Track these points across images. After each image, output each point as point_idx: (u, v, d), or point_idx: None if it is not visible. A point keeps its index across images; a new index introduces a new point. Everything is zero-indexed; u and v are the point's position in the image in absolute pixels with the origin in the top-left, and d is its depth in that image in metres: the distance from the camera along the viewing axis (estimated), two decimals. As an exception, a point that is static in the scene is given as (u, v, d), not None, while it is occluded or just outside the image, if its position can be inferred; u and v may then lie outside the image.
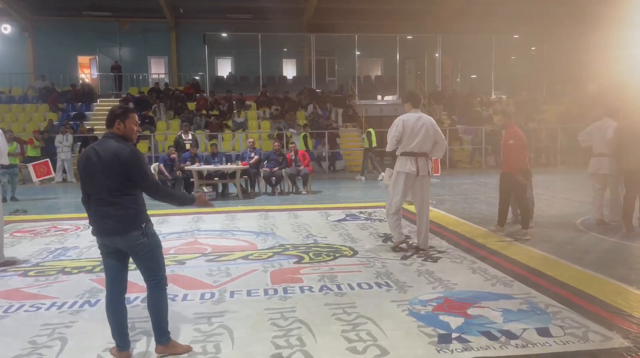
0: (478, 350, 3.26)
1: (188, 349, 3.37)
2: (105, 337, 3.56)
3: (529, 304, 4.08)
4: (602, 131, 7.16)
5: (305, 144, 15.82)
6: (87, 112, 19.79)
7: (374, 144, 14.69)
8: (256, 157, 11.56)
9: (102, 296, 4.42)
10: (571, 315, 3.84)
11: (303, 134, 16.11)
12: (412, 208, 7.07)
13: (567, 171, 15.24)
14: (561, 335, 3.47)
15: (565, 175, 14.20)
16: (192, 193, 10.66)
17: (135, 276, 3.64)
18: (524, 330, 3.57)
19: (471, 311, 3.95)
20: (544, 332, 3.52)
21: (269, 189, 11.58)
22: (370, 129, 14.81)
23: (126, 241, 3.16)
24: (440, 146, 5.97)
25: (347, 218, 8.29)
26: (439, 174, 12.63)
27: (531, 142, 6.88)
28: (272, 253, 5.94)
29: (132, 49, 24.21)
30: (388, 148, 6.08)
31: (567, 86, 23.17)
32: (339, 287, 4.60)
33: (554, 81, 23.91)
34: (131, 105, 18.98)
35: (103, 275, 5.06)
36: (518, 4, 21.11)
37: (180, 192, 2.97)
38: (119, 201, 3.13)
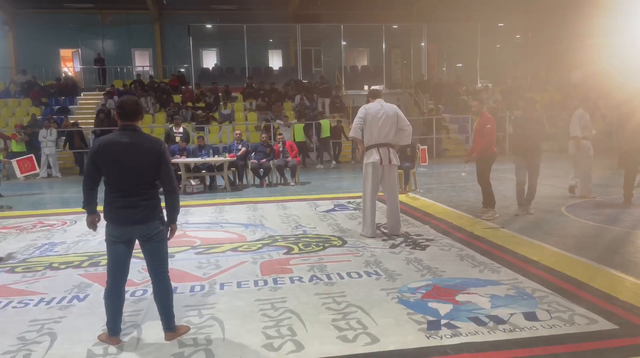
0: (467, 335, 3.31)
1: (188, 328, 3.55)
2: (94, 330, 3.56)
3: (516, 289, 4.14)
4: (576, 118, 8.34)
5: (306, 134, 16.15)
6: (71, 106, 19.53)
7: (328, 134, 16.27)
8: (243, 149, 11.51)
9: (91, 291, 4.42)
10: (557, 299, 3.90)
11: (299, 125, 16.29)
12: (402, 198, 7.15)
13: (551, 158, 15.40)
14: (548, 319, 3.53)
15: (550, 162, 14.33)
16: (180, 185, 10.63)
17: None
18: (512, 315, 3.62)
19: (460, 297, 4.00)
20: (531, 317, 3.58)
21: (257, 181, 11.56)
22: (321, 121, 16.37)
23: (146, 230, 3.28)
24: (405, 132, 6.10)
25: (336, 208, 8.31)
26: (426, 164, 12.68)
27: (540, 130, 7.29)
28: (261, 245, 5.94)
29: (116, 41, 23.90)
30: (350, 135, 6.30)
31: (551, 74, 23.37)
32: (328, 277, 4.63)
33: (538, 68, 24.08)
34: (116, 98, 18.80)
35: (91, 269, 5.09)
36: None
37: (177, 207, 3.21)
38: (147, 191, 3.27)
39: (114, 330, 3.38)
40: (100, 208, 3.38)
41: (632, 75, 12.92)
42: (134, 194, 3.24)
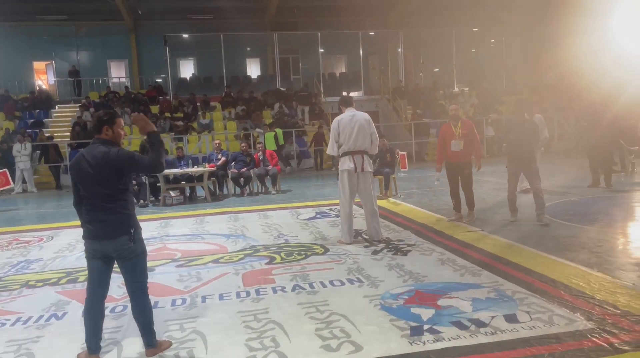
0: (449, 340, 3.33)
1: (170, 343, 3.51)
2: (73, 349, 3.49)
3: (497, 292, 4.19)
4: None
5: (276, 142, 15.99)
6: (46, 120, 19.20)
7: (282, 143, 16.41)
8: (223, 158, 11.45)
9: (69, 309, 4.34)
10: (537, 300, 3.95)
11: (272, 133, 16.17)
12: (383, 203, 7.21)
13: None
14: (528, 320, 3.58)
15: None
16: (159, 197, 10.52)
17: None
18: (493, 317, 3.66)
19: (441, 302, 4.03)
20: (511, 319, 3.62)
21: (238, 190, 11.50)
22: (277, 130, 16.40)
23: (114, 246, 3.23)
24: (373, 143, 6.19)
25: (318, 215, 8.31)
26: (406, 169, 12.78)
27: (533, 134, 6.83)
28: (243, 255, 5.91)
29: (90, 52, 23.60)
30: (328, 152, 6.34)
31: (525, 76, 23.77)
32: (311, 286, 4.62)
33: (512, 71, 24.50)
34: (92, 110, 18.56)
35: (70, 286, 5.00)
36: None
37: (157, 144, 3.27)
38: (109, 206, 3.22)
39: (93, 348, 3.32)
40: None
41: (605, 75, 13.25)
42: (99, 208, 3.23)
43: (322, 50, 23.53)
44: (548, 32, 20.70)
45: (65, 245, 7.01)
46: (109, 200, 3.22)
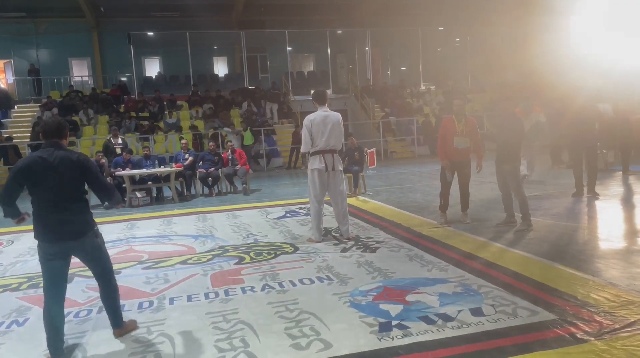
0: (417, 335, 3.38)
1: (136, 324, 3.79)
2: (36, 356, 3.39)
3: (463, 286, 4.27)
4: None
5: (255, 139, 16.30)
6: (4, 120, 18.57)
7: (250, 142, 16.69)
8: (191, 158, 11.31)
9: (31, 315, 4.21)
10: (501, 293, 4.05)
11: (247, 132, 16.29)
12: (352, 201, 7.25)
13: (493, 157, 16.00)
14: (493, 313, 3.66)
15: (492, 161, 14.87)
16: (125, 198, 10.30)
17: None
18: (459, 311, 3.73)
19: (409, 297, 4.08)
20: (477, 312, 3.70)
21: (206, 190, 11.37)
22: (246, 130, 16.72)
23: (81, 244, 3.38)
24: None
25: (287, 214, 8.30)
26: (374, 166, 12.89)
27: (515, 131, 6.43)
28: (211, 256, 5.85)
29: (51, 50, 22.92)
30: (302, 150, 6.29)
31: (489, 75, 24.29)
32: (281, 285, 4.61)
33: (477, 70, 25.00)
34: (55, 110, 18.05)
35: (31, 291, 4.86)
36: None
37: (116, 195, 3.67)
38: (74, 206, 3.37)
39: (55, 352, 3.31)
40: None
41: (566, 73, 13.63)
42: (64, 209, 3.31)
43: (290, 48, 23.48)
44: (510, 32, 21.19)
45: (26, 249, 6.79)
46: (72, 201, 3.35)
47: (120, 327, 3.62)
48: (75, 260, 3.53)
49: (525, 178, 9.35)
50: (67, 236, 3.31)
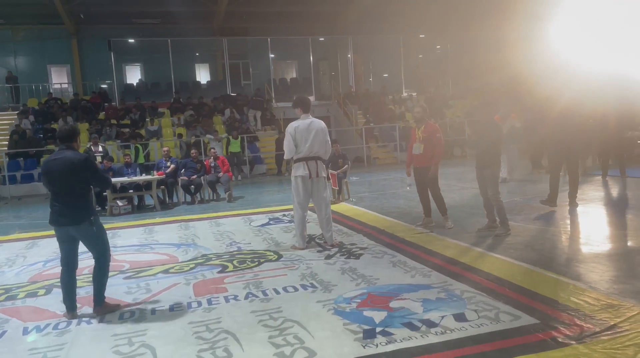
0: (401, 341, 3.38)
1: (118, 305, 4.39)
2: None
3: (446, 292, 4.29)
4: None
5: (227, 148, 16.14)
6: (-19, 128, 18.20)
7: (238, 150, 16.71)
8: (172, 166, 11.21)
9: (8, 327, 4.12)
10: (484, 298, 4.08)
11: (236, 140, 16.29)
12: (335, 207, 7.24)
13: (474, 163, 16.16)
14: (476, 318, 3.69)
15: (474, 166, 15.03)
16: (105, 206, 10.16)
17: (44, 303, 3.41)
18: (443, 317, 3.74)
19: (393, 304, 4.09)
20: (460, 317, 3.72)
21: (189, 198, 11.28)
22: (229, 137, 16.65)
23: (77, 230, 4.15)
24: (327, 151, 6.25)
25: (271, 221, 8.26)
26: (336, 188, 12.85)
27: (491, 134, 6.33)
28: (194, 265, 5.79)
29: (29, 58, 22.59)
30: (286, 157, 6.27)
31: (470, 81, 24.60)
32: (264, 293, 4.58)
33: (458, 77, 25.31)
34: (32, 118, 17.77)
35: (8, 303, 4.78)
36: (420, 5, 22.14)
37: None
38: (73, 198, 4.13)
39: (70, 305, 4.17)
40: None
41: (546, 78, 13.82)
42: (65, 200, 4.10)
43: (272, 55, 23.51)
44: (490, 39, 21.49)
45: (4, 260, 6.65)
46: (72, 193, 4.13)
47: (99, 305, 4.24)
48: (51, 271, 3.54)
49: (504, 181, 9.42)
50: (67, 222, 4.09)
